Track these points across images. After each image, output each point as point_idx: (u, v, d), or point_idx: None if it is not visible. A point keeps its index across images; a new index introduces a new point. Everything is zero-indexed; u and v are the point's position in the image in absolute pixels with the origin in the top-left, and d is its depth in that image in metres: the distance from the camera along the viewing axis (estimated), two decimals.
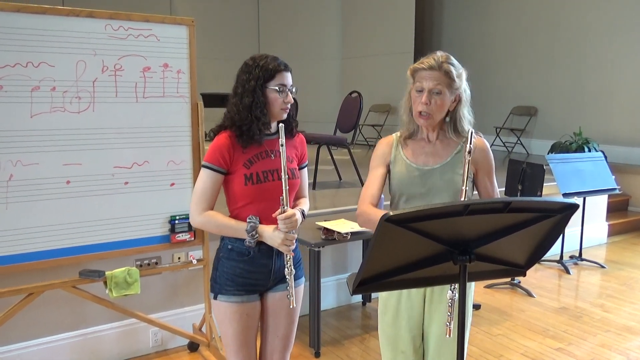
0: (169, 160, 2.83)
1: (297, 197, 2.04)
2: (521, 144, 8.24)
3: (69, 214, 2.60)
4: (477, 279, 1.44)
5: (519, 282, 4.38)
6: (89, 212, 2.64)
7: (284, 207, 1.80)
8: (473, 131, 1.61)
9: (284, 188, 1.78)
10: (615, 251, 5.53)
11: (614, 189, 4.96)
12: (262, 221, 1.86)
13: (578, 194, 4.62)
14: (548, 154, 5.70)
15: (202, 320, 3.21)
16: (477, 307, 3.90)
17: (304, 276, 2.07)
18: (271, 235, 1.83)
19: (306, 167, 2.08)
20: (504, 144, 8.34)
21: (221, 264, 1.93)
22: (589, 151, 6.13)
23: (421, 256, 1.30)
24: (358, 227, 3.20)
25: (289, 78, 1.89)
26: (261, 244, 1.88)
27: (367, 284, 1.32)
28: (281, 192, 1.79)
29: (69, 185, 2.59)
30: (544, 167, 4.20)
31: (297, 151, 2.02)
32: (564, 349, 3.32)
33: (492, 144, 8.06)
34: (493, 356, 3.21)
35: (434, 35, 10.06)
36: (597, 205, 5.67)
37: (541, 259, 1.74)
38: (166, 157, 2.82)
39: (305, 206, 2.01)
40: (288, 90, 1.88)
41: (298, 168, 2.01)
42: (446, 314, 1.65)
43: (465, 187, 1.57)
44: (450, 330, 1.58)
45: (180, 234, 2.89)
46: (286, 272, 1.85)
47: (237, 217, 1.88)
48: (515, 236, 1.29)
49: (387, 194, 1.90)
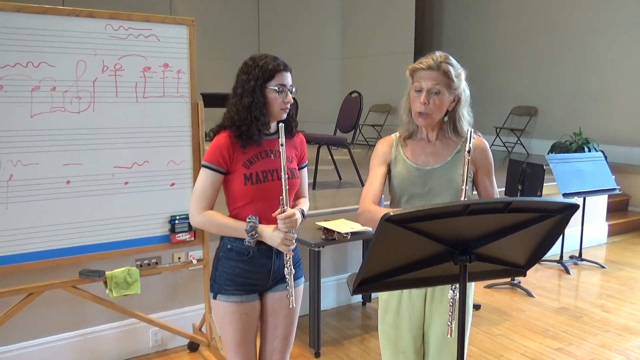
0: (169, 160, 2.83)
1: (296, 197, 2.04)
2: (521, 144, 8.24)
3: (69, 214, 2.60)
4: (477, 279, 1.44)
5: (519, 282, 4.38)
6: (89, 212, 2.64)
7: (284, 207, 1.80)
8: (472, 130, 1.62)
9: (283, 188, 1.78)
10: (615, 251, 5.53)
11: (614, 189, 4.96)
12: (261, 221, 1.86)
13: (578, 194, 4.62)
14: (548, 154, 5.69)
15: (202, 320, 3.21)
16: (477, 307, 3.90)
17: (303, 276, 2.07)
18: (271, 235, 1.83)
19: (306, 167, 2.08)
20: (504, 144, 8.33)
21: (220, 263, 1.93)
22: (589, 151, 6.13)
23: (421, 256, 1.30)
24: (358, 227, 3.20)
25: (289, 78, 1.89)
26: (261, 244, 1.88)
27: (367, 284, 1.32)
28: (281, 191, 1.79)
29: (69, 185, 2.59)
30: (544, 167, 4.20)
31: (296, 151, 2.02)
32: (564, 349, 3.32)
33: (492, 144, 8.07)
34: (493, 356, 3.21)
35: (434, 35, 10.06)
36: (597, 205, 5.67)
37: (541, 259, 1.73)
38: (166, 157, 2.82)
39: (305, 206, 2.01)
40: (288, 90, 1.88)
41: (298, 168, 2.01)
42: (447, 313, 1.66)
43: (465, 187, 1.57)
44: (451, 330, 1.58)
45: (180, 234, 2.89)
46: (286, 272, 1.85)
47: (237, 217, 1.88)
48: (516, 236, 1.29)
49: (387, 194, 1.90)
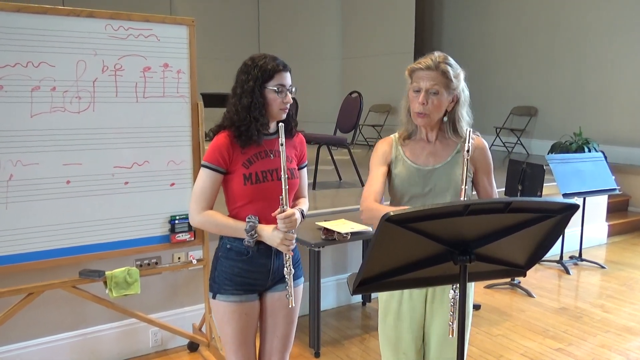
0: (169, 160, 2.83)
1: (296, 197, 2.04)
2: (521, 144, 8.24)
3: (68, 213, 2.60)
4: (477, 279, 1.44)
5: (519, 283, 4.38)
6: (88, 212, 2.64)
7: (284, 207, 1.80)
8: (471, 130, 1.62)
9: (283, 188, 1.78)
10: (615, 251, 5.52)
11: (614, 189, 4.96)
12: (261, 221, 1.86)
13: (578, 194, 4.62)
14: (548, 154, 5.69)
15: (202, 320, 3.21)
16: (477, 307, 3.90)
17: (303, 276, 2.07)
18: (270, 234, 1.83)
19: (306, 167, 2.08)
20: (504, 144, 8.33)
21: (220, 263, 1.93)
22: (589, 151, 6.12)
23: (421, 256, 1.30)
24: (358, 227, 3.20)
25: (288, 78, 1.89)
26: (260, 244, 1.88)
27: (367, 284, 1.32)
28: (280, 191, 1.79)
29: (69, 185, 2.59)
30: (544, 167, 4.20)
31: (296, 151, 2.02)
32: (563, 349, 3.32)
33: (492, 144, 8.08)
34: (493, 356, 3.21)
35: (434, 35, 10.06)
36: (597, 206, 5.67)
37: (541, 259, 1.73)
38: (166, 157, 2.82)
39: (304, 206, 2.01)
40: (287, 90, 1.88)
41: (297, 168, 2.01)
42: (448, 314, 1.65)
43: (465, 187, 1.57)
44: (453, 330, 1.58)
45: (180, 234, 2.89)
46: (285, 272, 1.85)
47: (237, 217, 1.88)
48: (516, 236, 1.29)
49: (387, 194, 1.89)
